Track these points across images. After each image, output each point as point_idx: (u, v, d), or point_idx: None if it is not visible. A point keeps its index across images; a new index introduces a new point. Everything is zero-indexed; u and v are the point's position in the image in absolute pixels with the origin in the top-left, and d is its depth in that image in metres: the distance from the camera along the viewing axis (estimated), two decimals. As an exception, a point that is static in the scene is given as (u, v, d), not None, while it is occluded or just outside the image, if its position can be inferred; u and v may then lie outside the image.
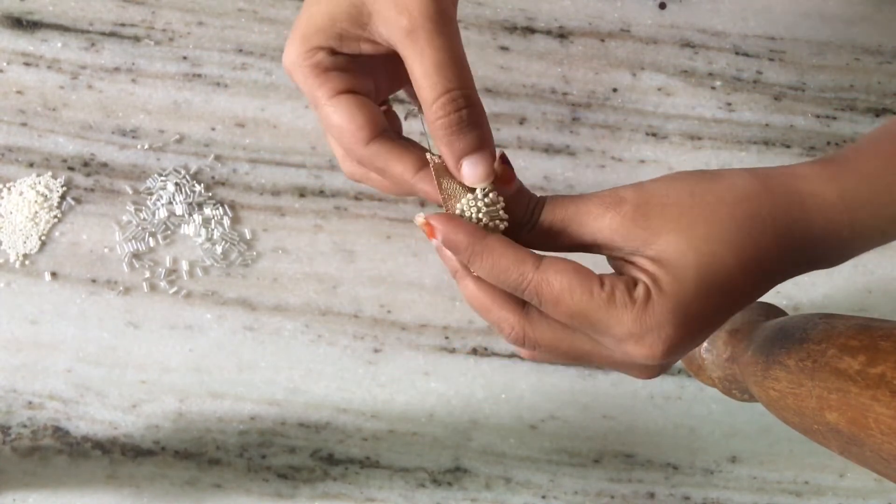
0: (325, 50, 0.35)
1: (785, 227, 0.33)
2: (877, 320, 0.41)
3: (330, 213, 0.65)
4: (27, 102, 0.64)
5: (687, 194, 0.33)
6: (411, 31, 0.33)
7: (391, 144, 0.35)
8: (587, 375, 0.66)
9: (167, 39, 0.65)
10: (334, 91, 0.35)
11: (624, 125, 0.66)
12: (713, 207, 0.32)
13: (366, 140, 0.35)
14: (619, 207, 0.33)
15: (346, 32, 0.35)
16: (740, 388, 0.58)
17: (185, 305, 0.64)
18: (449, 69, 0.33)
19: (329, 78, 0.35)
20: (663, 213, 0.32)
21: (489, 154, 0.34)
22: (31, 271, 0.64)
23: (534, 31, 0.66)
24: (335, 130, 0.35)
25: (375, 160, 0.35)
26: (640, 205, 0.33)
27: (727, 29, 0.67)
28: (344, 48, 0.35)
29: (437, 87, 0.33)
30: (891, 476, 0.37)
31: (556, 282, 0.32)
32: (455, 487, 0.65)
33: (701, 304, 0.32)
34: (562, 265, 0.32)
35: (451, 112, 0.33)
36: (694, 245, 0.32)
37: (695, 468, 0.66)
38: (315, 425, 0.65)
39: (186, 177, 0.64)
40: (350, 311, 0.65)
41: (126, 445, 0.64)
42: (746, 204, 0.33)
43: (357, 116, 0.35)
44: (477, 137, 0.33)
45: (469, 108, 0.33)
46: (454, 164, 0.34)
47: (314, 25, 0.35)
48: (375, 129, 0.35)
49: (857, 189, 0.34)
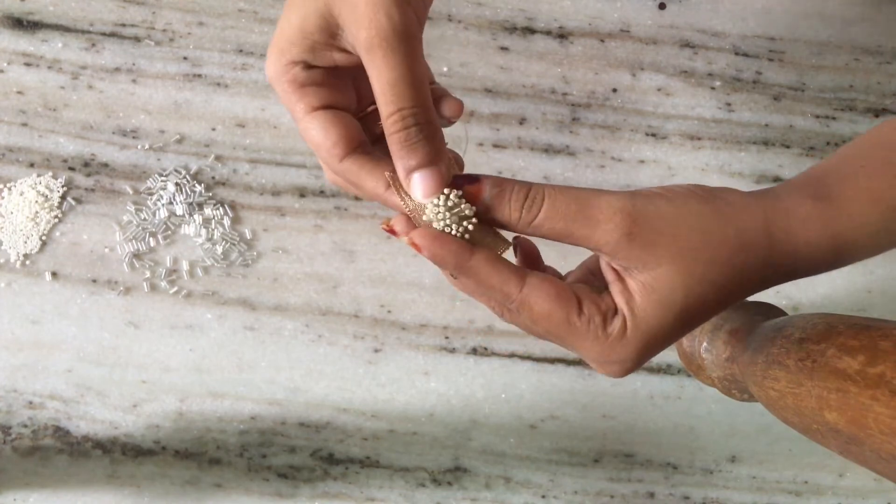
0: (300, 64, 0.36)
1: (772, 272, 0.34)
2: (877, 320, 0.41)
3: (330, 213, 0.65)
4: (28, 103, 0.64)
5: (698, 233, 0.33)
6: (369, 47, 0.33)
7: (363, 160, 0.36)
8: (587, 375, 0.66)
9: (167, 40, 0.65)
10: (311, 107, 0.36)
11: (624, 125, 0.66)
12: (716, 249, 0.33)
13: (340, 156, 0.36)
14: (625, 225, 0.33)
15: (317, 44, 0.35)
16: (740, 387, 0.58)
17: (186, 305, 0.64)
18: (401, 88, 0.33)
19: (306, 93, 0.36)
20: (669, 245, 0.33)
21: (436, 170, 0.34)
22: (32, 271, 0.64)
23: (534, 32, 0.66)
24: (312, 145, 0.36)
25: (349, 175, 0.36)
26: (648, 230, 0.33)
27: (727, 29, 0.67)
28: (318, 60, 0.36)
29: (389, 104, 0.34)
30: (890, 476, 0.37)
31: (538, 306, 0.33)
32: (455, 487, 0.65)
33: (672, 333, 0.34)
34: (544, 289, 0.34)
35: (401, 129, 0.34)
36: (687, 284, 0.33)
37: (694, 468, 0.66)
38: (315, 425, 0.65)
39: (187, 177, 0.64)
40: (350, 311, 0.65)
41: (126, 445, 0.64)
42: (747, 253, 0.33)
43: (331, 133, 0.36)
44: (425, 154, 0.34)
45: (418, 125, 0.34)
46: (404, 178, 0.35)
47: (287, 39, 0.35)
48: (349, 146, 0.36)
49: (847, 236, 0.35)
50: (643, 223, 0.32)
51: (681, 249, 0.33)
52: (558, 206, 0.33)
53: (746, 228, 0.33)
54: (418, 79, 0.34)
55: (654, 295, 0.33)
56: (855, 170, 0.35)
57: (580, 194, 0.33)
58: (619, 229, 0.33)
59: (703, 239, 0.33)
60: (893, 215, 0.34)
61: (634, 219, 0.33)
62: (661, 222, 0.33)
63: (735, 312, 0.60)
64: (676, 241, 0.33)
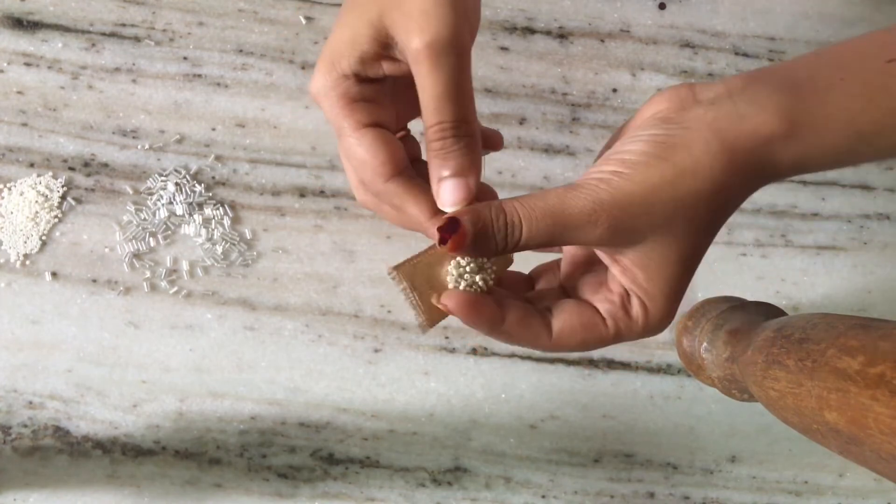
0: (351, 78, 0.36)
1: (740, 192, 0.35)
2: (877, 320, 0.41)
3: (330, 213, 0.65)
4: (28, 103, 0.64)
5: (669, 201, 0.34)
6: (419, 57, 0.34)
7: (409, 185, 0.37)
8: (587, 375, 0.66)
9: (167, 40, 0.65)
10: (360, 123, 0.36)
11: (624, 125, 0.66)
12: (693, 205, 0.34)
13: (386, 177, 0.36)
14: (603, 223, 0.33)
15: (367, 55, 0.35)
16: (740, 387, 0.58)
17: (186, 305, 0.64)
18: (447, 101, 0.34)
19: (356, 109, 0.36)
20: (648, 221, 0.34)
21: (464, 182, 0.35)
22: (32, 271, 0.64)
23: (534, 32, 0.66)
24: (357, 163, 0.37)
25: (393, 198, 0.37)
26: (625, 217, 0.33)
27: (727, 29, 0.67)
28: (367, 71, 0.36)
29: (433, 116, 0.34)
30: (890, 476, 0.37)
31: (571, 343, 0.36)
32: (455, 487, 0.65)
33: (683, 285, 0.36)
34: (570, 327, 0.36)
35: (440, 139, 0.35)
36: (675, 243, 0.34)
37: (694, 468, 0.66)
38: (315, 425, 0.65)
39: (187, 177, 0.64)
40: (350, 311, 0.65)
41: (126, 445, 0.64)
42: (722, 193, 0.34)
43: (380, 153, 0.36)
44: (459, 166, 0.35)
45: (456, 138, 0.35)
46: (435, 183, 0.36)
47: (337, 52, 0.36)
48: (397, 167, 0.36)
49: (812, 158, 0.35)
50: (618, 214, 0.33)
51: (659, 219, 0.34)
52: (535, 227, 0.34)
53: (713, 177, 0.34)
54: (465, 92, 0.35)
55: (652, 264, 0.34)
56: (832, 83, 0.34)
57: (551, 206, 0.34)
58: (599, 228, 0.33)
59: (674, 203, 0.34)
60: (862, 139, 0.34)
61: (608, 214, 0.33)
62: (633, 207, 0.33)
63: (735, 312, 0.60)
64: (652, 216, 0.33)
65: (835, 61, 0.36)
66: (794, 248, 0.67)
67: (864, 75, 0.34)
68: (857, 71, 0.35)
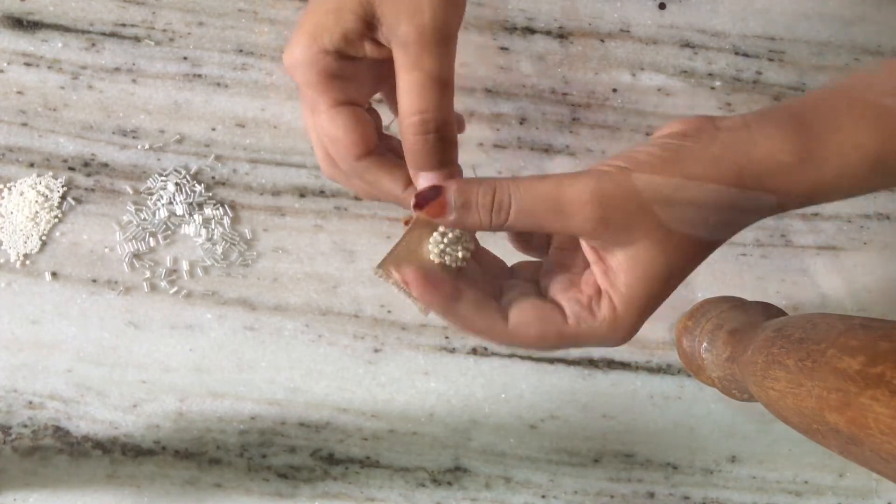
0: (332, 55, 0.35)
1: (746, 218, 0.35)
2: (877, 320, 0.41)
3: (330, 213, 0.65)
4: (28, 102, 0.64)
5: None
6: (404, 43, 0.33)
7: (381, 161, 0.37)
8: (587, 375, 0.66)
9: (167, 40, 0.65)
10: (335, 101, 0.36)
11: (624, 125, 0.66)
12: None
13: (358, 155, 0.36)
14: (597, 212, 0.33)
15: (351, 32, 0.35)
16: (740, 387, 0.59)
17: (186, 305, 0.64)
18: (428, 92, 0.34)
19: (332, 86, 0.36)
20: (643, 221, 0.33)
21: (444, 175, 0.35)
22: (32, 271, 0.64)
23: (534, 32, 0.66)
24: (329, 139, 0.36)
25: (365, 174, 0.37)
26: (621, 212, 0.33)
27: (727, 29, 0.67)
28: (349, 50, 0.35)
29: (412, 105, 0.34)
30: (890, 476, 0.37)
31: (528, 335, 0.34)
32: (455, 487, 0.65)
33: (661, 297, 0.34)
34: (529, 316, 0.34)
35: (419, 133, 0.34)
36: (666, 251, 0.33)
37: (694, 468, 0.66)
38: (315, 425, 0.65)
39: (187, 177, 0.64)
40: (350, 311, 0.65)
41: (126, 445, 0.64)
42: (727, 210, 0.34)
43: (353, 132, 0.36)
44: (437, 160, 0.35)
45: (436, 132, 0.34)
46: (414, 176, 0.36)
47: (320, 25, 0.35)
48: (369, 145, 0.36)
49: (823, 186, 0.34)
50: (615, 206, 0.32)
51: (655, 222, 0.33)
52: (526, 206, 0.33)
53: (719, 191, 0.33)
54: (448, 83, 0.34)
55: (637, 269, 0.33)
56: (840, 113, 0.34)
57: (547, 189, 0.33)
58: (592, 218, 0.32)
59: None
60: (874, 167, 0.34)
61: (605, 204, 0.32)
62: (632, 202, 0.32)
63: (735, 312, 0.60)
64: (649, 215, 0.32)
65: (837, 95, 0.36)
66: (794, 248, 0.67)
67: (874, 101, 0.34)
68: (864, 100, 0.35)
